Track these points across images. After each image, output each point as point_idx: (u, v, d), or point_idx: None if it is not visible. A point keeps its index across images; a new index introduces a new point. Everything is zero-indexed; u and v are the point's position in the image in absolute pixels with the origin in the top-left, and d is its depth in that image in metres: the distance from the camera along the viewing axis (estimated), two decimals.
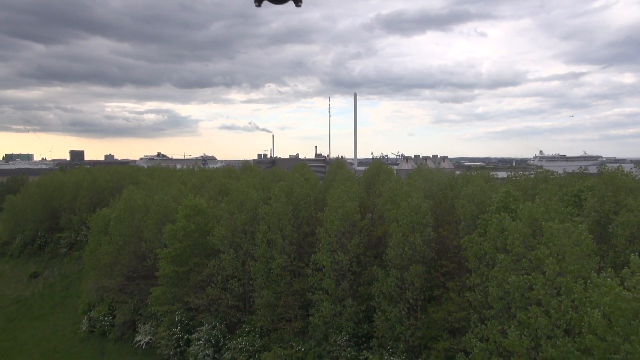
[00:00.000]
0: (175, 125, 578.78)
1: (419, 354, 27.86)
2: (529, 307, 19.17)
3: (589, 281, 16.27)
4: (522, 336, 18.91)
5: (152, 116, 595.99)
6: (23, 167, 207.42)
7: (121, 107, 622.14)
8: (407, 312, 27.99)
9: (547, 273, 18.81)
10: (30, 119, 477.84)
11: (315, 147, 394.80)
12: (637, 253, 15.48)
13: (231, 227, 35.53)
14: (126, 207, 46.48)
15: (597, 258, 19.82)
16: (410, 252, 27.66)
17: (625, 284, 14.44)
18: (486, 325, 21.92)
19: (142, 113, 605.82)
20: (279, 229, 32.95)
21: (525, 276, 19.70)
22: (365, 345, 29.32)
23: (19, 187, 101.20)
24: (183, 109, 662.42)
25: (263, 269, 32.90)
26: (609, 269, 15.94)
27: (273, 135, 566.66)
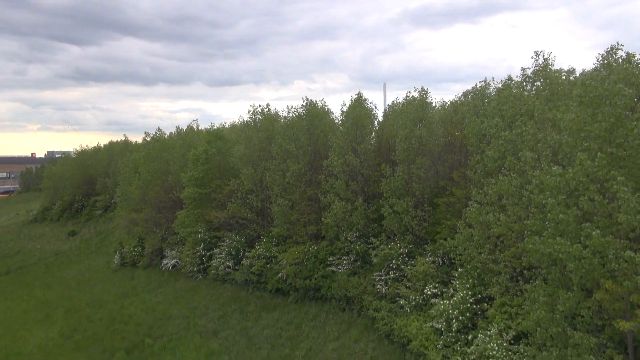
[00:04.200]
0: (207, 123, 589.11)
1: (426, 244, 28.91)
2: (519, 153, 20.11)
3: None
4: (512, 177, 19.87)
5: (184, 115, 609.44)
6: None
7: (155, 106, 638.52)
8: (415, 205, 29.04)
9: (536, 114, 19.74)
10: (69, 119, 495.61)
11: None
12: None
13: (249, 146, 37.38)
14: (154, 146, 49.09)
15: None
16: (417, 145, 28.74)
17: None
18: (484, 190, 22.89)
19: (175, 112, 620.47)
20: (293, 140, 34.54)
21: (517, 125, 20.61)
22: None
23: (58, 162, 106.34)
24: (214, 108, 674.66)
25: (279, 180, 34.51)
26: None
27: None
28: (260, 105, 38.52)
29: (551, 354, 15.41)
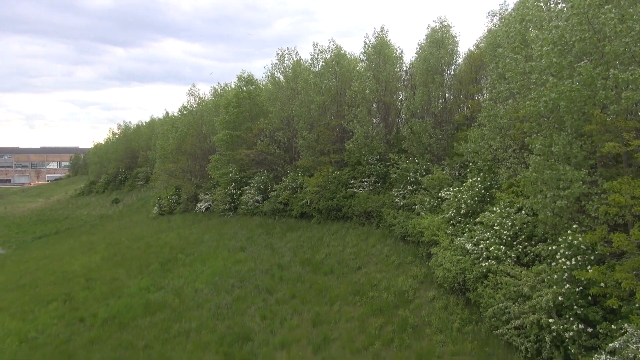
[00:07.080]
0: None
1: (443, 160, 29.70)
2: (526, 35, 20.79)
3: None
4: (519, 59, 20.57)
5: None
6: None
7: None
8: (433, 125, 29.89)
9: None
10: (114, 119, 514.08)
11: None
12: None
13: (277, 86, 39.09)
14: (189, 101, 51.66)
15: None
16: (435, 63, 29.60)
17: None
18: (496, 90, 23.60)
19: None
20: (318, 75, 35.95)
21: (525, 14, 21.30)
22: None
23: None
24: None
25: (304, 114, 35.98)
26: None
27: None
28: (287, 48, 40.19)
29: (545, 197, 16.15)
